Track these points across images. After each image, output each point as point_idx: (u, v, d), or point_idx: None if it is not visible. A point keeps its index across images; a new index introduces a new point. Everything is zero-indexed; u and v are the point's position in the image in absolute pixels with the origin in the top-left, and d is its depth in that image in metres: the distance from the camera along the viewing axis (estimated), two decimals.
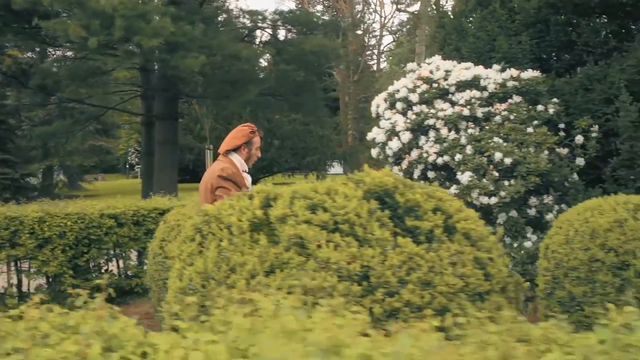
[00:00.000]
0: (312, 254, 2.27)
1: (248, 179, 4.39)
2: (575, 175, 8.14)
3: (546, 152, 7.83)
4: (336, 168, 32.35)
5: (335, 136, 29.18)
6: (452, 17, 10.45)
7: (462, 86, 8.37)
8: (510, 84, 8.32)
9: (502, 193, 7.41)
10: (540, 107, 8.27)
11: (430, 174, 8.26)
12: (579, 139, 8.30)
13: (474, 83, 8.32)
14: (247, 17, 14.41)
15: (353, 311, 1.71)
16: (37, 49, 14.61)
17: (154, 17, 10.81)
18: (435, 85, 8.54)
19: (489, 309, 2.37)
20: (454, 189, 7.72)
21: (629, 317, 1.56)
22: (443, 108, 8.26)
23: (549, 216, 7.59)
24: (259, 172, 26.44)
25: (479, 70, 8.52)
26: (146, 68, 14.40)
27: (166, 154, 16.88)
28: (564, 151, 8.34)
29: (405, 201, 2.46)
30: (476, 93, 8.18)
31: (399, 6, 37.16)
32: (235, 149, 4.36)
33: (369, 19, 46.96)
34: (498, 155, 7.51)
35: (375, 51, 44.60)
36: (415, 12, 30.00)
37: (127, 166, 47.87)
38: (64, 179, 30.67)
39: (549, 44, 10.27)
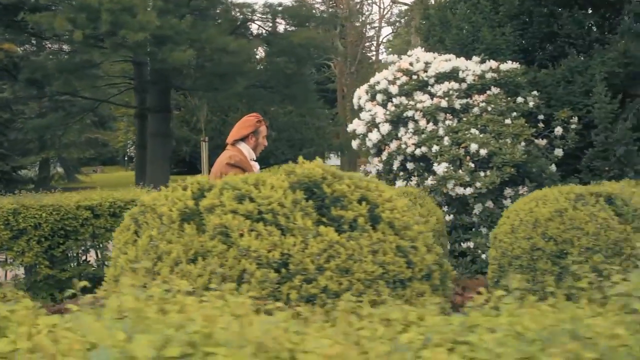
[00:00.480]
0: (235, 242, 2.35)
1: (256, 166, 4.49)
2: (553, 167, 8.21)
3: (523, 143, 7.89)
4: (333, 160, 32.41)
5: (332, 127, 29.19)
6: (437, 8, 10.43)
7: (441, 78, 8.43)
8: (489, 75, 8.37)
9: (478, 184, 7.47)
10: (519, 99, 8.32)
11: (410, 165, 8.32)
12: (558, 130, 8.37)
13: (452, 75, 8.37)
14: (237, 10, 14.45)
15: (252, 297, 1.79)
16: (29, 43, 14.63)
17: (140, 11, 10.84)
18: (414, 77, 8.60)
19: (410, 295, 2.46)
20: (430, 180, 7.81)
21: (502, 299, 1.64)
22: (422, 100, 8.32)
23: None
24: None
25: (458, 62, 8.56)
26: (138, 61, 14.46)
27: (158, 146, 16.97)
28: (542, 142, 8.40)
29: (332, 192, 2.53)
30: (454, 85, 8.23)
31: None
32: (243, 139, 4.49)
33: (368, 10, 46.87)
34: (474, 147, 7.57)
35: (374, 42, 44.52)
36: (410, 4, 29.94)
37: (126, 158, 47.97)
38: (61, 172, 30.82)
39: (532, 36, 10.31)
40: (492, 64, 8.59)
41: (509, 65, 8.54)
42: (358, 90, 9.21)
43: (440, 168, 7.66)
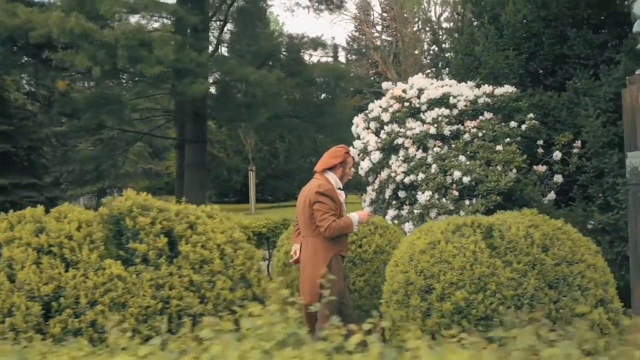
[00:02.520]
0: (16, 274, 2.38)
1: (342, 195, 4.79)
2: (552, 194, 7.82)
3: (514, 170, 7.56)
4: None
5: None
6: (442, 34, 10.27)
7: (432, 104, 8.25)
8: (481, 100, 8.12)
9: (462, 212, 7.21)
10: (512, 124, 8.01)
11: (401, 194, 8.16)
12: (557, 155, 7.98)
13: (443, 101, 8.18)
14: (264, 42, 14.73)
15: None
16: (60, 79, 15.60)
17: (156, 45, 11.30)
18: (407, 104, 8.46)
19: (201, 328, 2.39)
20: (392, 211, 7.63)
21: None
22: (413, 127, 8.16)
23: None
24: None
25: (452, 87, 8.37)
26: (176, 93, 14.95)
27: (195, 176, 17.39)
28: (542, 169, 8.03)
29: (133, 225, 2.52)
30: (444, 111, 8.04)
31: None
32: (331, 168, 4.77)
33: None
34: (457, 174, 7.34)
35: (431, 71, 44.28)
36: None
37: None
38: None
39: (544, 59, 9.94)
40: (487, 88, 8.34)
41: (503, 89, 8.27)
42: (356, 118, 9.16)
43: (423, 197, 7.45)
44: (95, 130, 19.49)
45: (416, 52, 39.57)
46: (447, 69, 10.29)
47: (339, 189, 4.78)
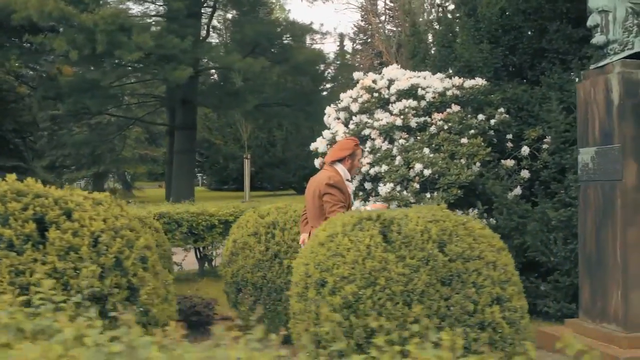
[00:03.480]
0: None
1: (350, 186, 4.93)
2: (518, 189, 7.73)
3: (478, 164, 7.50)
4: None
5: None
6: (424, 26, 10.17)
7: (401, 95, 8.17)
8: (450, 93, 8.03)
9: (422, 204, 7.15)
10: (480, 117, 7.92)
11: (367, 185, 8.10)
12: (525, 150, 7.89)
13: (411, 92, 8.09)
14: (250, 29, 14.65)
15: None
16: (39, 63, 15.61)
17: (135, 31, 11.26)
18: (376, 94, 8.39)
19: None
20: (376, 201, 7.56)
21: None
22: (380, 118, 8.09)
23: None
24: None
25: (421, 79, 8.28)
26: (158, 79, 14.99)
27: (183, 162, 17.39)
28: (510, 163, 7.94)
29: (4, 210, 2.50)
30: (412, 103, 7.96)
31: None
32: (340, 160, 4.84)
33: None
34: (418, 167, 7.28)
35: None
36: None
37: None
38: (118, 186, 32.20)
39: (523, 52, 9.81)
40: (456, 80, 8.25)
41: (473, 82, 8.17)
42: (328, 108, 9.08)
43: (384, 189, 7.40)
44: (85, 115, 19.51)
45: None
46: (425, 60, 10.17)
47: (347, 180, 4.87)
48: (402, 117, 7.87)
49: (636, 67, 5.23)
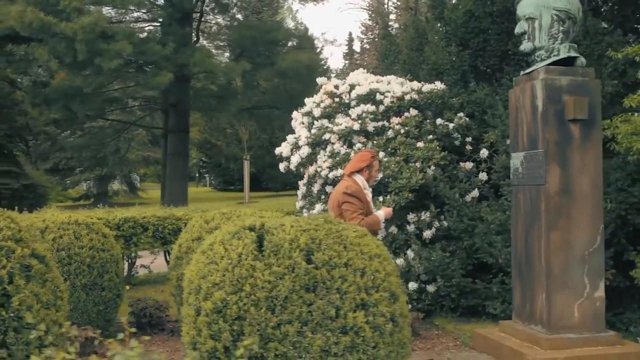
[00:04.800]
0: None
1: (369, 194, 5.25)
2: (475, 191, 7.83)
3: (433, 167, 7.61)
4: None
5: None
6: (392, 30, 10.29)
7: (361, 100, 8.30)
8: (408, 97, 8.15)
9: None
10: (439, 121, 8.04)
11: (328, 189, 8.24)
12: (484, 153, 7.98)
13: (370, 97, 8.23)
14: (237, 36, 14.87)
15: None
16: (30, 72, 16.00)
17: (116, 38, 11.52)
18: (337, 99, 8.54)
19: None
20: (319, 205, 7.72)
21: None
22: (340, 122, 8.24)
23: (427, 233, 7.38)
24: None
25: (380, 84, 8.40)
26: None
27: (177, 165, 17.67)
28: (469, 166, 8.04)
29: None
30: (370, 107, 8.09)
31: None
32: (358, 171, 5.20)
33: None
34: None
35: None
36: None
37: (197, 175, 49.99)
38: (123, 187, 32.66)
39: (491, 55, 9.89)
40: (415, 85, 8.37)
41: (431, 86, 8.29)
42: (295, 112, 9.24)
43: None
44: (76, 120, 19.81)
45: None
46: (395, 64, 10.29)
47: (366, 189, 5.20)
48: (359, 121, 8.01)
49: (559, 73, 5.33)
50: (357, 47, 55.22)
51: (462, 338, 6.37)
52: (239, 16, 16.79)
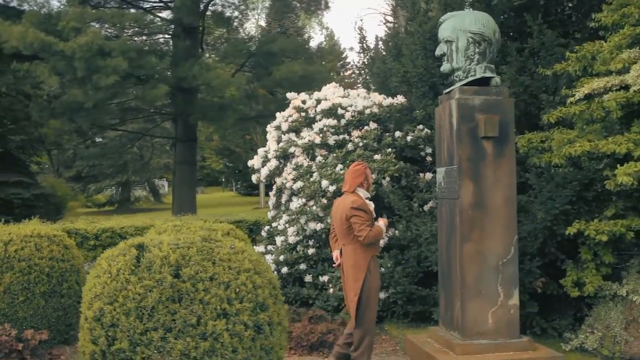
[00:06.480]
0: None
1: (371, 205, 5.63)
2: (432, 202, 8.12)
3: (388, 178, 7.95)
4: None
5: None
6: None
7: (325, 115, 8.68)
8: (368, 111, 8.50)
9: (329, 219, 7.66)
10: (398, 134, 8.36)
11: (294, 199, 8.64)
12: None
13: (332, 112, 8.60)
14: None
15: None
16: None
17: (114, 55, 12.18)
18: (303, 114, 8.94)
19: None
20: (286, 216, 8.12)
21: None
22: (304, 136, 8.64)
23: (379, 242, 7.70)
24: None
25: (345, 99, 8.75)
26: (173, 94, 15.97)
27: (185, 174, 18.30)
28: (428, 176, 8.34)
29: None
30: (331, 121, 8.46)
31: None
32: (359, 185, 5.61)
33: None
34: (325, 183, 7.79)
35: None
36: None
37: (223, 180, 50.94)
38: (146, 193, 33.68)
39: None
40: (378, 98, 8.71)
41: (390, 100, 8.61)
42: (269, 126, 9.67)
43: (294, 203, 7.95)
44: (92, 131, 20.62)
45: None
46: (367, 77, 10.63)
47: (368, 198, 5.64)
48: (321, 135, 8.39)
49: (473, 93, 5.63)
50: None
51: (402, 343, 6.70)
52: (241, 29, 17.43)
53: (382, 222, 5.61)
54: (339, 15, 64.04)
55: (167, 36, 18.50)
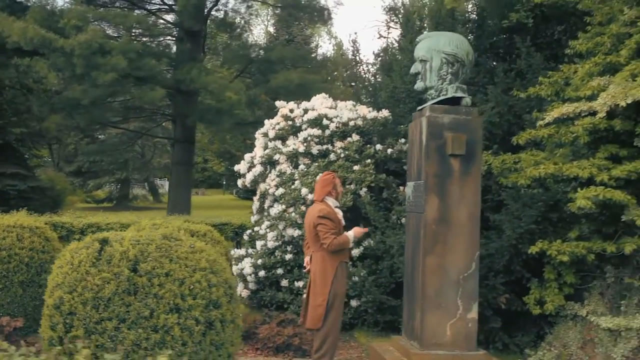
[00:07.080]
0: None
1: (340, 213, 5.88)
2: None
3: (365, 189, 8.14)
4: None
5: None
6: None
7: (311, 124, 8.89)
8: (352, 123, 8.70)
9: None
10: (379, 147, 8.56)
11: (276, 205, 8.84)
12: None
13: (317, 122, 8.81)
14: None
15: None
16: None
17: (112, 53, 12.47)
18: (290, 122, 9.15)
19: None
20: (267, 221, 8.32)
21: None
22: (289, 144, 8.85)
23: (354, 251, 7.89)
24: None
25: (332, 110, 8.96)
26: (173, 95, 16.29)
27: (181, 174, 18.54)
28: (408, 190, 8.52)
29: None
30: (315, 131, 8.67)
31: None
32: (328, 194, 5.84)
33: None
34: (304, 191, 7.99)
35: None
36: None
37: (224, 182, 51.17)
38: (145, 192, 33.95)
39: None
40: (364, 111, 8.92)
41: (374, 114, 8.82)
42: (257, 132, 9.88)
43: (274, 210, 8.16)
44: (92, 127, 20.86)
45: None
46: (361, 90, 10.85)
47: (337, 207, 5.87)
48: (305, 144, 8.60)
49: (443, 111, 5.83)
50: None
51: (368, 351, 6.87)
52: (244, 35, 17.73)
53: (352, 232, 5.81)
54: (351, 25, 64.52)
55: (170, 39, 18.81)
